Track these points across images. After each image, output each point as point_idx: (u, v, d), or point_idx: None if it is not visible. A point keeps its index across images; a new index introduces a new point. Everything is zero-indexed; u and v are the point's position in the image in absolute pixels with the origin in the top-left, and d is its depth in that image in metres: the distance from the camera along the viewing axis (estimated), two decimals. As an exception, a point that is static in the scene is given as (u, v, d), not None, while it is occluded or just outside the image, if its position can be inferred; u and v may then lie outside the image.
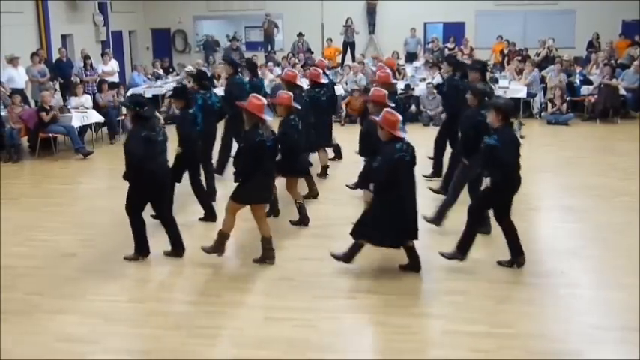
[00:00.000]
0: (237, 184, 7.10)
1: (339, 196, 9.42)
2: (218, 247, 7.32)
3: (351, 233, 6.86)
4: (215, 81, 16.81)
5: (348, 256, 6.99)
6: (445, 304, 6.23)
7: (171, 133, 8.40)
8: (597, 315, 6.01)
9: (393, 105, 7.71)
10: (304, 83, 11.15)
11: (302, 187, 9.25)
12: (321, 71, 10.73)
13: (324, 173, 10.70)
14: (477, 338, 5.60)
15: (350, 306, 6.28)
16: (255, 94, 7.25)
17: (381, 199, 6.65)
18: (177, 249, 7.52)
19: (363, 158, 8.56)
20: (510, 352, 5.38)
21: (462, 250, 6.91)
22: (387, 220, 6.61)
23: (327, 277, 6.87)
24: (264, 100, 7.16)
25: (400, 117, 6.73)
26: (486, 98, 7.62)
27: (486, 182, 6.73)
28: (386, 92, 8.11)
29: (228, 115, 10.12)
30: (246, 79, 11.28)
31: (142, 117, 7.11)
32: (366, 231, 6.78)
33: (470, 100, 7.79)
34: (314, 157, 10.52)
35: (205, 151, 9.27)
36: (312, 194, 9.49)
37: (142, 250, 7.42)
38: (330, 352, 5.47)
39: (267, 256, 7.28)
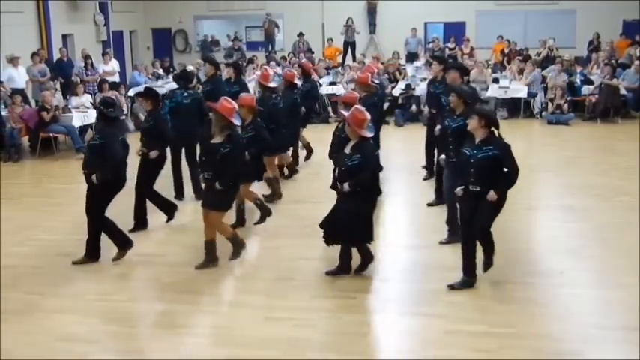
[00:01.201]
0: (219, 192, 6.94)
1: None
2: (237, 249, 7.27)
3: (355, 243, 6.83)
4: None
5: (363, 264, 6.93)
6: (445, 304, 6.22)
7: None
8: (598, 315, 6.00)
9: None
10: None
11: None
12: (295, 72, 10.79)
13: (290, 174, 10.68)
14: (477, 338, 5.59)
15: (350, 306, 6.27)
16: (226, 97, 7.18)
17: (366, 197, 6.57)
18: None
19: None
20: (511, 352, 5.37)
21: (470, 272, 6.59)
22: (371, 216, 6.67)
23: (326, 277, 6.86)
24: (235, 104, 7.09)
25: (369, 116, 6.58)
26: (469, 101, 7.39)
27: (491, 196, 6.21)
28: (357, 95, 8.15)
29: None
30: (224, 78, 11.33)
31: (108, 118, 7.18)
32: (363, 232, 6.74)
33: (454, 102, 7.37)
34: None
35: (188, 152, 9.41)
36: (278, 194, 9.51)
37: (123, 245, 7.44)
38: (330, 352, 5.46)
39: (210, 259, 7.22)
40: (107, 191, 7.22)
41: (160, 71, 19.11)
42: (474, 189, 6.25)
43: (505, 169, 6.24)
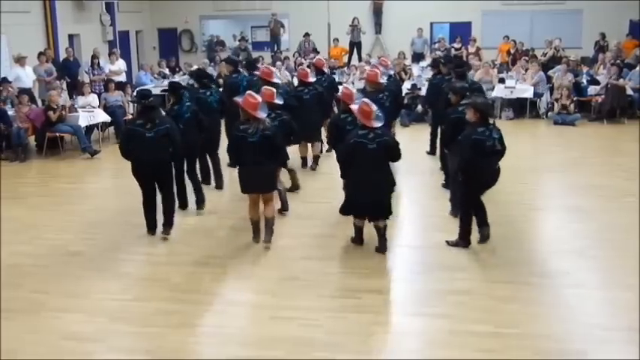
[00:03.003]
0: None
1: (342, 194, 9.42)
2: (255, 234, 7.80)
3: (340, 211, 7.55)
4: (221, 80, 16.84)
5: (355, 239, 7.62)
6: (450, 304, 6.22)
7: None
8: (602, 315, 5.99)
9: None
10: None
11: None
12: (309, 71, 11.19)
13: (304, 164, 11.11)
14: (482, 338, 5.59)
15: (355, 306, 6.27)
16: (250, 92, 7.50)
17: (344, 178, 7.44)
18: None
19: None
20: (516, 353, 5.37)
21: (462, 237, 7.44)
22: (349, 195, 7.37)
23: (332, 277, 6.88)
24: (259, 98, 7.42)
25: (375, 108, 7.11)
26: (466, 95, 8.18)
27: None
28: (354, 91, 8.40)
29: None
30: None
31: (147, 107, 7.74)
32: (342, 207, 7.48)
33: (452, 99, 8.32)
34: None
35: (212, 144, 9.81)
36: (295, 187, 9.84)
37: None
38: (335, 352, 5.46)
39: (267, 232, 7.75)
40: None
41: (166, 71, 19.16)
42: None
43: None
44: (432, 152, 11.83)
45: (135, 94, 8.26)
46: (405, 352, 5.53)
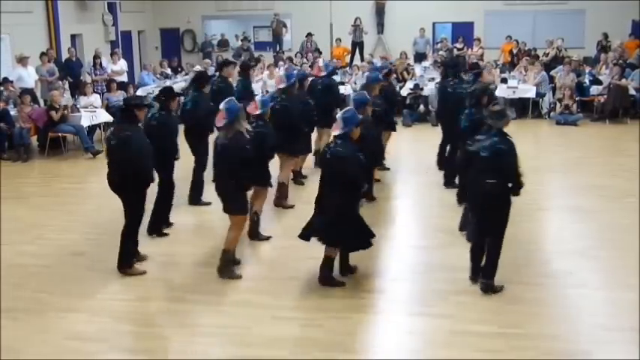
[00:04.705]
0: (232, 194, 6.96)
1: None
2: (225, 267, 7.05)
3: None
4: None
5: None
6: (453, 305, 6.22)
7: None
8: (606, 315, 5.99)
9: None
10: None
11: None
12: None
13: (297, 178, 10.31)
14: (485, 339, 5.59)
15: (357, 306, 6.27)
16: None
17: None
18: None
19: None
20: (519, 353, 5.37)
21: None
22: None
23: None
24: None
25: None
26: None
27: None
28: None
29: None
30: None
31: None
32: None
33: (484, 100, 7.92)
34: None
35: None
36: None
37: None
38: (337, 352, 5.47)
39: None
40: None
41: (168, 71, 19.17)
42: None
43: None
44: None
45: (126, 100, 7.78)
46: (406, 352, 5.53)
